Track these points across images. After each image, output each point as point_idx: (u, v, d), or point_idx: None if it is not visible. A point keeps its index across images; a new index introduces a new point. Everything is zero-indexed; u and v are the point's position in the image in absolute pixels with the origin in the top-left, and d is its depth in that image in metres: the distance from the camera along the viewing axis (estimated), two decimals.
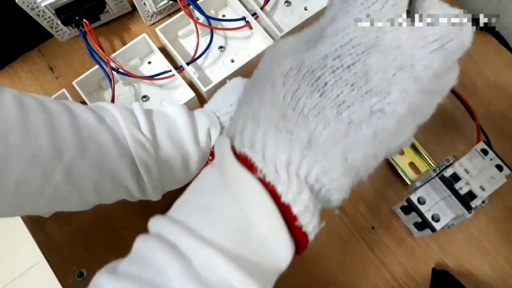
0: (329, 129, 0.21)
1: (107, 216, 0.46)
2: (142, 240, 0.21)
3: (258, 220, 0.21)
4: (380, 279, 0.44)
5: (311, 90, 0.20)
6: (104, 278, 0.20)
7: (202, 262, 0.19)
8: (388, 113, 0.21)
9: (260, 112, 0.21)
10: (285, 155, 0.21)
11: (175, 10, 0.54)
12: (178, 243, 0.20)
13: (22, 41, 0.53)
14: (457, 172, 0.42)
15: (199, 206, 0.22)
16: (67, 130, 0.31)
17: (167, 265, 0.19)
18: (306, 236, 0.22)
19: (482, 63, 0.52)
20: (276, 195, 0.20)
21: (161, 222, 0.21)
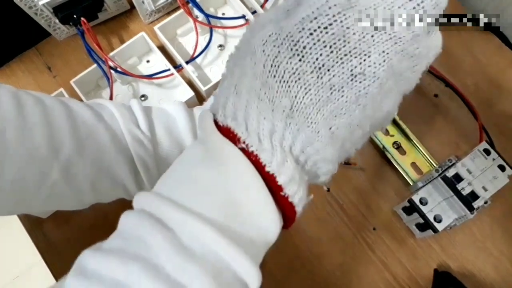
0: (311, 95, 0.20)
1: (106, 216, 0.45)
2: (125, 215, 0.21)
3: (243, 191, 0.20)
4: (382, 280, 0.44)
5: (291, 55, 0.20)
6: (88, 254, 0.20)
7: (187, 232, 0.19)
8: (369, 76, 0.20)
9: (241, 83, 0.21)
10: (268, 124, 0.20)
11: (174, 8, 0.54)
12: (161, 215, 0.20)
13: (20, 40, 0.52)
14: (460, 173, 0.41)
15: (183, 179, 0.22)
16: (65, 127, 0.30)
17: (151, 238, 0.19)
18: (293, 207, 0.22)
19: (485, 62, 0.52)
20: (260, 165, 0.20)
21: (144, 197, 0.21)
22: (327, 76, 0.20)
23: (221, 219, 0.20)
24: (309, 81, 0.20)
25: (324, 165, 0.22)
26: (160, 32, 0.49)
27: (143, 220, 0.20)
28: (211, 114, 0.23)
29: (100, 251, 0.20)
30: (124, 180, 0.34)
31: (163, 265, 0.18)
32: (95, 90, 0.49)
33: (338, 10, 0.20)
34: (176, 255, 0.18)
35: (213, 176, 0.21)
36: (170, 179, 0.23)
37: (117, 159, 0.33)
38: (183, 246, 0.19)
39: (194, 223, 0.19)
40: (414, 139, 0.47)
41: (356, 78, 0.20)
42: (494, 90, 0.51)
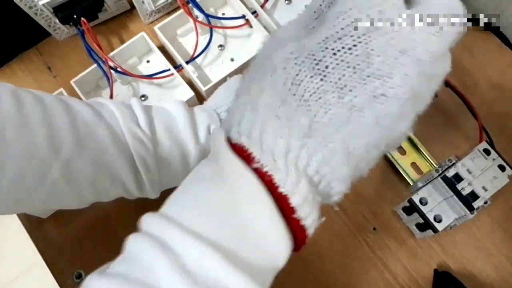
0: (331, 114, 0.20)
1: (106, 217, 0.45)
2: (132, 238, 0.21)
3: (253, 214, 0.20)
4: (382, 281, 0.44)
5: (312, 74, 0.20)
6: (94, 279, 0.20)
7: (192, 257, 0.19)
8: (391, 98, 0.20)
9: (259, 100, 0.21)
10: (283, 143, 0.20)
11: (174, 8, 0.54)
12: (167, 239, 0.19)
13: (20, 40, 0.52)
14: (460, 173, 0.41)
15: (191, 200, 0.21)
16: (64, 126, 0.30)
17: (155, 263, 0.19)
18: (305, 231, 0.21)
19: (485, 62, 0.52)
20: (273, 186, 0.20)
21: (151, 219, 0.21)
22: (349, 97, 0.20)
23: (228, 245, 0.19)
24: (330, 100, 0.20)
25: (337, 185, 0.22)
26: (160, 32, 0.49)
27: (149, 243, 0.20)
28: (222, 131, 0.22)
29: (106, 276, 0.20)
30: (124, 179, 0.34)
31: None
32: (95, 90, 0.49)
33: (364, 32, 0.20)
34: (180, 281, 0.18)
35: (222, 198, 0.20)
36: (178, 199, 0.22)
37: (117, 157, 0.33)
38: (187, 271, 0.18)
39: (200, 248, 0.19)
40: (414, 139, 0.47)
41: (377, 100, 0.20)
42: (494, 90, 0.51)
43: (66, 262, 0.44)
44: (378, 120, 0.21)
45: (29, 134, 0.28)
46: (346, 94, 0.20)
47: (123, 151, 0.34)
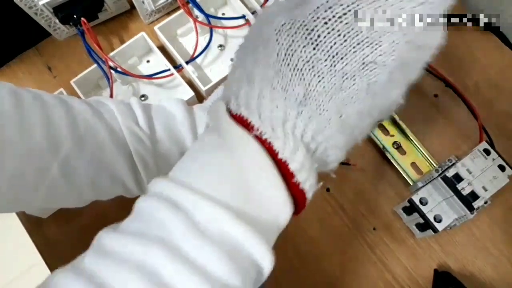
0: (323, 82, 0.21)
1: (106, 217, 0.45)
2: (142, 199, 0.21)
3: (256, 176, 0.21)
4: (382, 280, 0.44)
5: (305, 44, 0.21)
6: (107, 234, 0.20)
7: (204, 217, 0.20)
8: (380, 64, 0.21)
9: (254, 72, 0.22)
10: (280, 113, 0.21)
11: (174, 8, 0.54)
12: (178, 199, 0.20)
13: (20, 40, 0.52)
14: (460, 173, 0.41)
15: (198, 165, 0.22)
16: (64, 124, 0.30)
17: (169, 221, 0.19)
18: (304, 194, 0.22)
19: (484, 62, 0.52)
20: (273, 152, 0.21)
21: (160, 182, 0.22)
22: (340, 64, 0.21)
23: (235, 203, 0.20)
24: (322, 69, 0.21)
25: (333, 152, 0.23)
26: (160, 32, 0.49)
27: (160, 204, 0.20)
28: (222, 103, 0.23)
29: (120, 232, 0.20)
30: (123, 177, 0.34)
31: (181, 246, 0.19)
32: (95, 90, 0.49)
33: (352, 0, 0.20)
34: (194, 237, 0.19)
35: (227, 161, 0.21)
36: (185, 165, 0.23)
37: (116, 156, 0.33)
38: (200, 229, 0.19)
39: (210, 207, 0.20)
40: (414, 139, 0.47)
41: (367, 67, 0.21)
42: (494, 90, 0.51)
43: (66, 262, 0.44)
44: (369, 87, 0.21)
45: (28, 133, 0.28)
46: (337, 62, 0.21)
47: (122, 149, 0.34)
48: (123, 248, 0.19)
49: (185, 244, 0.19)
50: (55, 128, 0.30)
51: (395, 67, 0.21)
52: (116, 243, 0.20)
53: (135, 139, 0.34)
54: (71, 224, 0.45)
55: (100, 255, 0.20)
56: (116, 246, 0.19)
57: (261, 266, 0.21)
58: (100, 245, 0.20)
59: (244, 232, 0.20)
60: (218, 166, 0.22)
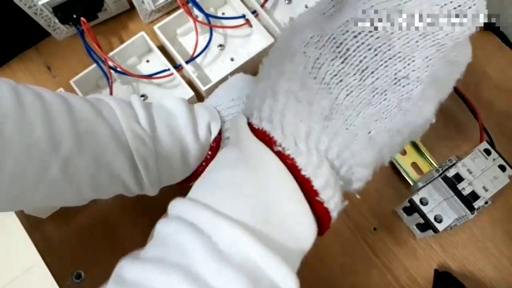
0: (352, 97, 0.20)
1: (105, 217, 0.45)
2: (162, 223, 0.21)
3: (278, 196, 0.20)
4: (382, 281, 0.44)
5: (333, 57, 0.20)
6: (127, 264, 0.20)
7: (224, 239, 0.19)
8: (413, 80, 0.20)
9: (279, 85, 0.21)
10: (304, 127, 0.20)
11: (174, 8, 0.54)
12: (197, 221, 0.20)
13: (20, 40, 0.52)
14: (460, 173, 0.41)
15: (217, 184, 0.22)
16: (64, 122, 0.30)
17: (189, 245, 0.19)
18: (329, 213, 0.21)
19: (485, 62, 0.52)
20: (296, 169, 0.20)
21: (179, 204, 0.21)
22: (370, 79, 0.20)
23: (256, 225, 0.20)
24: (351, 83, 0.20)
25: (359, 170, 0.22)
26: (160, 32, 0.48)
27: (180, 227, 0.20)
28: (243, 117, 0.22)
29: (139, 260, 0.20)
30: (123, 176, 0.34)
31: (202, 272, 0.18)
32: (94, 90, 0.49)
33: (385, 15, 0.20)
34: (214, 261, 0.18)
35: (248, 180, 0.21)
36: (205, 184, 0.23)
37: (117, 155, 0.33)
38: (220, 252, 0.19)
39: (231, 229, 0.19)
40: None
41: (399, 82, 0.20)
42: (494, 90, 0.51)
43: (66, 262, 0.44)
44: (401, 103, 0.21)
45: (28, 130, 0.28)
46: (367, 77, 0.20)
47: (122, 148, 0.33)
48: (143, 277, 0.19)
49: (205, 269, 0.18)
50: (55, 127, 0.30)
51: (428, 83, 0.21)
52: (135, 272, 0.19)
53: (136, 138, 0.34)
54: (71, 224, 0.45)
55: (120, 285, 0.19)
56: (135, 275, 0.19)
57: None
58: (120, 275, 0.20)
59: (264, 255, 0.19)
60: (238, 185, 0.21)
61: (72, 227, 0.45)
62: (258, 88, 0.23)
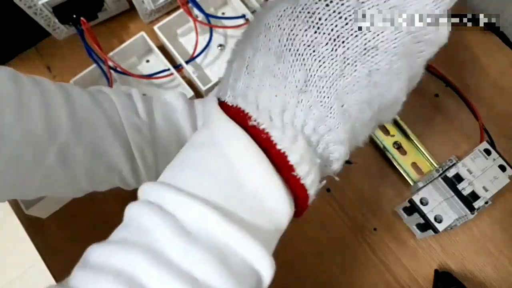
0: (325, 67, 0.20)
1: (106, 217, 0.45)
2: (128, 207, 0.21)
3: (247, 172, 0.20)
4: (382, 281, 0.44)
5: (306, 27, 0.20)
6: (93, 247, 0.20)
7: (189, 217, 0.19)
8: (382, 51, 0.21)
9: (254, 62, 0.21)
10: (279, 101, 0.20)
11: (174, 8, 0.53)
12: (162, 202, 0.20)
13: (19, 40, 0.52)
14: (460, 173, 0.41)
15: (185, 165, 0.22)
16: (62, 111, 0.30)
17: (153, 224, 0.19)
18: (305, 191, 0.21)
19: (485, 62, 0.52)
20: (271, 143, 0.20)
21: (146, 186, 0.21)
22: (342, 49, 0.20)
23: (224, 203, 0.19)
24: (323, 53, 0.20)
25: (336, 148, 0.22)
26: (160, 32, 0.48)
27: (144, 208, 0.20)
28: (214, 97, 0.23)
29: (104, 243, 0.20)
30: (120, 167, 0.34)
31: (165, 250, 0.18)
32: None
33: None
34: (178, 239, 0.18)
35: (215, 158, 0.20)
36: (173, 166, 0.22)
37: (114, 145, 0.33)
38: (186, 230, 0.18)
39: (196, 208, 0.19)
40: (414, 139, 0.47)
41: (369, 52, 0.20)
42: (494, 90, 0.51)
43: (66, 262, 0.44)
44: (370, 75, 0.21)
45: (26, 118, 0.28)
46: (338, 46, 0.20)
47: (120, 139, 0.33)
48: (104, 258, 0.19)
49: (168, 248, 0.18)
50: (53, 115, 0.29)
51: (396, 56, 0.21)
52: (98, 255, 0.19)
53: (134, 129, 0.33)
54: (71, 224, 0.45)
55: (82, 268, 0.19)
56: (98, 257, 0.19)
57: (259, 271, 0.19)
58: (85, 258, 0.20)
59: (234, 234, 0.18)
60: (206, 163, 0.21)
61: (72, 227, 0.45)
62: (231, 69, 0.23)
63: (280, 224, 0.21)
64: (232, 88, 0.22)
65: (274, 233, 0.21)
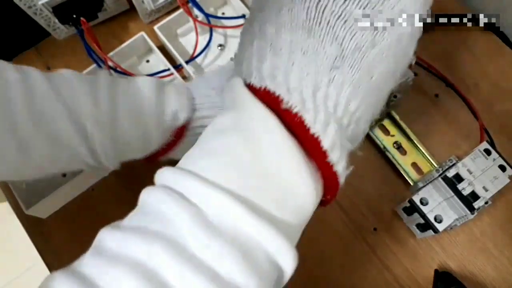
0: (357, 38, 0.19)
1: (105, 217, 0.45)
2: (147, 192, 0.20)
3: (279, 165, 0.19)
4: (382, 281, 0.44)
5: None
6: (107, 232, 0.19)
7: (212, 208, 0.18)
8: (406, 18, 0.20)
9: (279, 39, 0.20)
10: (311, 80, 0.19)
11: (173, 8, 0.53)
12: (184, 190, 0.18)
13: (20, 40, 0.52)
14: (460, 173, 0.41)
15: (208, 151, 0.20)
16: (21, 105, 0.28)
17: (175, 214, 0.18)
18: (337, 179, 0.20)
19: (485, 62, 0.52)
20: (304, 127, 0.19)
21: (166, 172, 0.20)
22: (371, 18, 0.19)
23: (250, 194, 0.18)
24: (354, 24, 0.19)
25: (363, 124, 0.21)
26: (160, 32, 0.48)
27: (164, 195, 0.18)
28: (240, 78, 0.21)
29: (120, 229, 0.19)
30: (82, 155, 0.32)
31: (188, 244, 0.17)
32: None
33: None
34: (201, 232, 0.17)
35: (241, 145, 0.19)
36: (195, 152, 0.21)
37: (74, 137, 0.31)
38: (209, 222, 0.17)
39: (221, 199, 0.18)
40: (414, 139, 0.47)
41: (395, 20, 0.20)
42: (494, 90, 0.51)
43: (66, 262, 0.44)
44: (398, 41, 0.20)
45: None
46: (368, 15, 0.19)
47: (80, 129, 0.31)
48: (122, 246, 0.17)
49: (191, 241, 0.17)
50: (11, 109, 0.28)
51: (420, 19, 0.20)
52: (115, 241, 0.18)
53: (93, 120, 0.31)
54: (71, 224, 0.45)
55: (97, 255, 0.18)
56: (114, 244, 0.18)
57: (281, 265, 0.19)
58: (98, 244, 0.19)
59: (259, 227, 0.17)
60: (232, 150, 0.19)
61: (72, 227, 0.45)
62: (252, 49, 0.21)
63: (306, 217, 0.20)
64: (258, 69, 0.20)
65: (299, 226, 0.20)
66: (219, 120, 0.21)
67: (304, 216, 0.20)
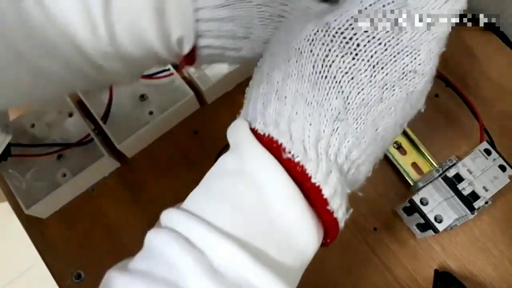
0: (364, 94, 0.20)
1: (106, 217, 0.45)
2: (153, 234, 0.20)
3: (282, 211, 0.19)
4: (382, 281, 0.44)
5: (343, 53, 0.19)
6: (114, 275, 0.19)
7: (218, 255, 0.18)
8: (419, 74, 0.20)
9: (285, 87, 0.20)
10: (314, 131, 0.19)
11: None
12: (190, 235, 0.19)
13: None
14: (460, 173, 0.41)
15: (214, 195, 0.20)
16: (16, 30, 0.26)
17: (180, 260, 0.18)
18: (337, 224, 0.21)
19: (485, 62, 0.52)
20: (306, 176, 0.19)
21: (172, 214, 0.20)
22: (381, 74, 0.20)
23: (255, 240, 0.19)
24: (362, 80, 0.20)
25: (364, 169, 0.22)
26: None
27: (171, 239, 0.19)
28: (245, 121, 0.21)
29: (127, 273, 0.19)
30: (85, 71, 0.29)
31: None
32: (94, 90, 0.49)
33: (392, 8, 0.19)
34: (207, 279, 0.17)
35: (247, 191, 0.20)
36: (200, 194, 0.21)
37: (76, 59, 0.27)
38: (214, 270, 0.18)
39: (226, 246, 0.18)
40: (414, 139, 0.47)
41: (407, 76, 0.20)
42: (494, 90, 0.51)
43: (66, 262, 0.44)
44: (407, 97, 0.21)
45: None
46: (378, 72, 0.20)
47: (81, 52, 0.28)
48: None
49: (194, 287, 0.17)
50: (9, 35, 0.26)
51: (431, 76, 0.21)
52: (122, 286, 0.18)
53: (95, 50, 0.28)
54: (71, 224, 0.45)
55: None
56: None
57: None
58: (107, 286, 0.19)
59: (263, 276, 0.18)
60: (238, 197, 0.20)
61: (72, 227, 0.45)
62: (258, 93, 0.22)
63: (307, 261, 0.21)
64: (262, 115, 0.21)
65: (300, 269, 0.21)
66: (224, 160, 0.22)
67: (305, 260, 0.21)
